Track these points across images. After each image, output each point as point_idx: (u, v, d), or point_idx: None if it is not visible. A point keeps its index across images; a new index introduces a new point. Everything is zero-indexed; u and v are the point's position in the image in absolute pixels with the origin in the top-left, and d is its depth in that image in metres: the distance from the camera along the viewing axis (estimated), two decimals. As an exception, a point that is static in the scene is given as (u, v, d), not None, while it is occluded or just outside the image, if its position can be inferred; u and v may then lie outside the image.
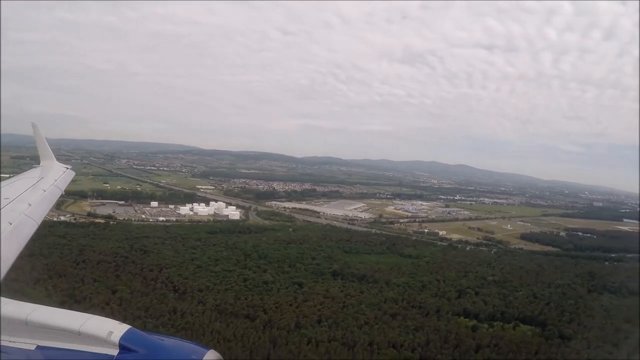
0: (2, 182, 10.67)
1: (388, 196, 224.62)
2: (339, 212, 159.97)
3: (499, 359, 52.57)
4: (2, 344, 4.03)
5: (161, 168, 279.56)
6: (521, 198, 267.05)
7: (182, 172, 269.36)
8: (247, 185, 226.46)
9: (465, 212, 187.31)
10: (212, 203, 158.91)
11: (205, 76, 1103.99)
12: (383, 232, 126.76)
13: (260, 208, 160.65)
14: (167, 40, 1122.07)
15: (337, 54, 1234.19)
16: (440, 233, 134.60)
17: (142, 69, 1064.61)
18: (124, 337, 3.90)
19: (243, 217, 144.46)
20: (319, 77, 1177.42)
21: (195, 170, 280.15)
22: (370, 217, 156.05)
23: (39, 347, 4.03)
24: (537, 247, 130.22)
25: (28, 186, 10.27)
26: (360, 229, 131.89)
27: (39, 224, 8.13)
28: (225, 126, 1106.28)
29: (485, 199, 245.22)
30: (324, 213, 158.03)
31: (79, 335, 3.96)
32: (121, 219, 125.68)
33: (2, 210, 7.65)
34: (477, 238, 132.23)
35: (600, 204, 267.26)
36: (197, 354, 3.94)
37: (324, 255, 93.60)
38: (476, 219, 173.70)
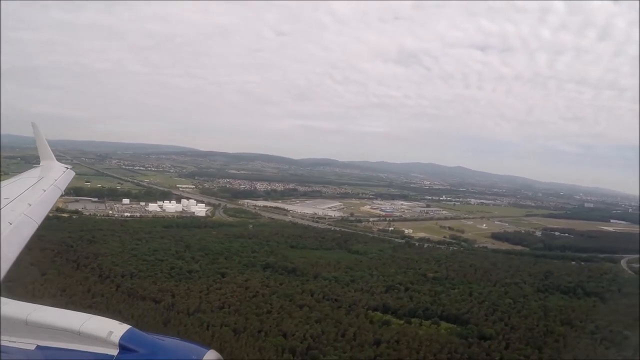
0: (2, 182, 10.64)
1: (370, 196, 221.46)
2: (309, 211, 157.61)
3: (390, 353, 49.71)
4: (2, 344, 4.00)
5: (150, 168, 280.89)
6: (511, 199, 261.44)
7: (170, 172, 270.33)
8: (229, 185, 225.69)
9: (444, 212, 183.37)
10: (183, 201, 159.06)
11: (203, 76, 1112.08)
12: (342, 230, 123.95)
13: (230, 206, 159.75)
14: (164, 40, 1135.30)
15: (333, 53, 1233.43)
16: (406, 231, 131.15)
17: (140, 69, 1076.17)
18: (124, 337, 3.88)
19: (209, 214, 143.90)
20: (316, 78, 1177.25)
21: (184, 170, 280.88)
22: (340, 216, 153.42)
23: (39, 347, 4.01)
24: (505, 246, 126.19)
25: (28, 186, 10.23)
26: (321, 226, 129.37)
27: (39, 224, 8.08)
28: (223, 127, 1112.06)
29: (472, 199, 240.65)
30: (294, 211, 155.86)
31: (79, 335, 3.94)
32: (87, 214, 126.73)
33: (2, 210, 7.63)
34: (444, 236, 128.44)
35: (592, 205, 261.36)
36: (197, 354, 3.90)
37: (267, 249, 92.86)
38: (453, 218, 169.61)
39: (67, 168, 14.60)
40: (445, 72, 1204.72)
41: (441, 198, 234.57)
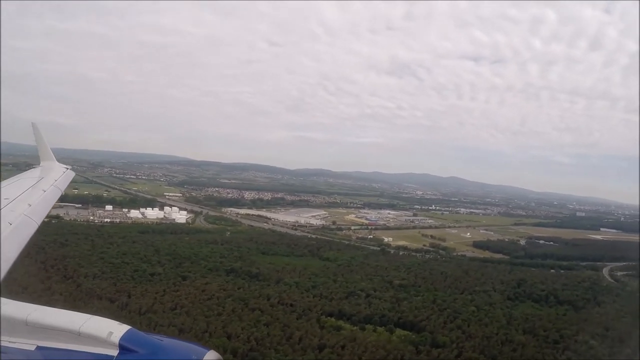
0: (2, 182, 10.64)
1: (358, 205, 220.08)
2: (291, 219, 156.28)
3: (332, 358, 48.59)
4: (2, 344, 4.00)
5: (141, 177, 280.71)
6: (502, 208, 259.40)
7: (160, 180, 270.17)
8: (217, 194, 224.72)
9: (430, 221, 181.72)
10: (166, 208, 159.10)
11: (197, 86, 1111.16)
12: (319, 237, 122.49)
13: (213, 214, 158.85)
14: (157, 50, 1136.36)
15: (325, 65, 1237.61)
16: (386, 240, 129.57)
17: (134, 78, 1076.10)
18: (124, 338, 3.87)
19: (189, 221, 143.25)
20: (309, 89, 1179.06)
21: (175, 179, 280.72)
22: (321, 224, 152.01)
23: (39, 348, 4.00)
24: (486, 254, 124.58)
25: (28, 186, 10.21)
26: (299, 234, 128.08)
27: (39, 224, 8.09)
28: (218, 137, 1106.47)
29: (462, 209, 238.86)
30: (276, 219, 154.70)
31: (78, 336, 3.93)
32: (67, 219, 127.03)
33: (2, 210, 7.60)
34: (423, 245, 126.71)
35: (583, 214, 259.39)
36: (197, 354, 3.89)
37: (236, 255, 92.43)
38: (438, 227, 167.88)
39: (67, 168, 14.53)
40: (438, 83, 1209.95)
41: (430, 207, 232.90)
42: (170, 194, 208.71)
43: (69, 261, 74.53)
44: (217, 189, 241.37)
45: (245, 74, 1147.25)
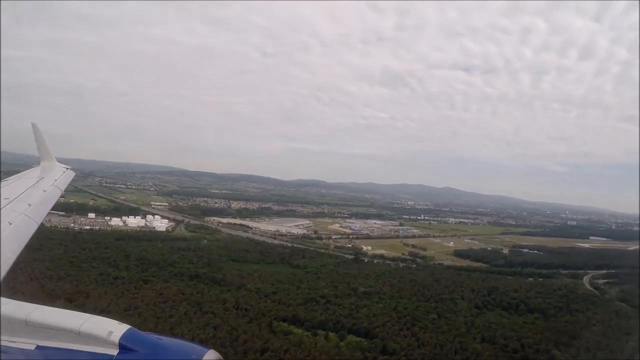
0: (2, 182, 10.58)
1: (345, 215, 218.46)
2: (272, 228, 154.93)
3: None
4: (2, 344, 3.98)
5: (131, 186, 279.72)
6: (493, 218, 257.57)
7: (150, 190, 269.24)
8: (204, 204, 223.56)
9: (415, 231, 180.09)
10: (148, 217, 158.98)
11: (191, 97, 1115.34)
12: (296, 246, 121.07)
13: (195, 222, 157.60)
14: (150, 61, 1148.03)
15: (318, 76, 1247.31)
16: (365, 248, 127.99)
17: (128, 88, 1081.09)
18: (124, 337, 3.84)
19: (169, 229, 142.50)
20: (302, 100, 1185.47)
21: (165, 189, 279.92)
22: (302, 233, 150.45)
23: (38, 347, 3.98)
24: (466, 262, 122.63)
25: (28, 186, 10.15)
26: (277, 242, 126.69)
27: (39, 224, 8.02)
28: (213, 148, 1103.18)
29: (451, 218, 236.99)
30: (257, 228, 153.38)
31: (78, 335, 3.91)
32: (48, 226, 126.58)
33: (2, 210, 7.56)
34: (402, 253, 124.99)
35: (574, 223, 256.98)
36: (197, 354, 3.88)
37: (205, 261, 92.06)
38: (422, 236, 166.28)
39: (67, 168, 14.42)
40: (431, 93, 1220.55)
41: (419, 217, 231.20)
42: (157, 203, 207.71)
43: (37, 264, 73.70)
44: (205, 199, 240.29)
45: (238, 85, 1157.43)
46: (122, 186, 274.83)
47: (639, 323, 78.25)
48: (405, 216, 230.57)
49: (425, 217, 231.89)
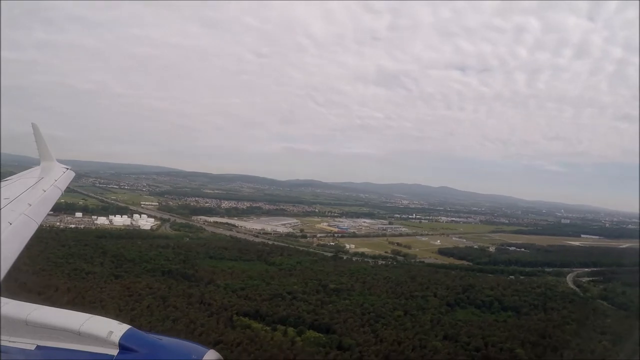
0: (2, 182, 10.57)
1: (335, 215, 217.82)
2: (258, 227, 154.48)
3: (221, 351, 46.97)
4: (2, 344, 4.00)
5: (124, 187, 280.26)
6: (486, 217, 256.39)
7: (142, 190, 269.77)
8: (194, 203, 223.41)
9: (404, 229, 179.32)
10: (135, 215, 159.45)
11: (187, 98, 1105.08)
12: (277, 244, 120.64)
13: (181, 221, 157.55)
14: (145, 62, 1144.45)
15: (313, 76, 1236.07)
16: (348, 246, 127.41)
17: (124, 90, 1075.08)
18: (124, 337, 3.86)
19: (154, 228, 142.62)
20: (298, 100, 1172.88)
21: (158, 189, 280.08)
22: (287, 231, 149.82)
23: (38, 347, 3.99)
24: (449, 260, 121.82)
25: (28, 186, 10.19)
26: (259, 240, 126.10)
27: (39, 224, 8.10)
28: (209, 149, 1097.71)
29: (443, 217, 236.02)
30: (242, 227, 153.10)
31: (78, 335, 3.92)
32: None
33: (2, 210, 7.57)
34: (385, 251, 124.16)
35: (568, 221, 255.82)
36: (197, 354, 3.89)
37: (182, 258, 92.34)
38: (410, 235, 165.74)
39: (67, 168, 14.45)
40: (426, 93, 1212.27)
41: (410, 216, 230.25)
42: (147, 203, 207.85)
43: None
44: (196, 199, 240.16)
45: (234, 86, 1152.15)
46: (115, 186, 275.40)
47: (620, 322, 77.28)
48: (397, 215, 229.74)
49: (417, 216, 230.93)
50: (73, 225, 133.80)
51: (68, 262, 79.17)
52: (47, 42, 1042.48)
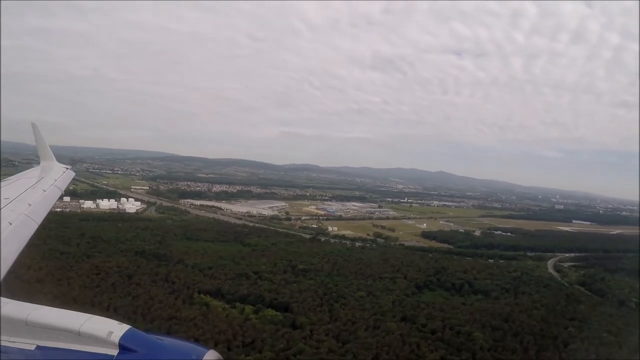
0: (2, 182, 10.60)
1: (325, 198, 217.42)
2: (244, 210, 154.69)
3: (173, 327, 48.56)
4: (2, 344, 4.02)
5: (117, 172, 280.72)
6: (480, 201, 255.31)
7: (135, 175, 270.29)
8: (185, 187, 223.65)
9: (392, 212, 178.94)
10: (122, 199, 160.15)
11: (183, 83, 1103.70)
12: (258, 226, 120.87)
13: (168, 204, 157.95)
14: (140, 48, 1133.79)
15: (309, 60, 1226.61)
16: (331, 229, 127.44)
17: (118, 75, 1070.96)
18: (124, 337, 3.88)
19: (139, 211, 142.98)
20: (294, 84, 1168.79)
21: (151, 174, 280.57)
22: (272, 214, 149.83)
23: (38, 347, 4.01)
24: (431, 244, 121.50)
25: (28, 186, 10.20)
26: (241, 222, 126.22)
27: (39, 224, 8.03)
28: (206, 134, 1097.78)
29: (435, 201, 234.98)
30: (228, 210, 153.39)
31: (78, 335, 3.94)
32: None
33: (2, 210, 7.57)
34: (367, 234, 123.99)
35: (562, 207, 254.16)
36: (197, 354, 3.90)
37: (158, 239, 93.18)
38: (397, 218, 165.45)
39: (67, 168, 14.40)
40: (422, 77, 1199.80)
41: (402, 200, 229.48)
42: (137, 187, 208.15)
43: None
44: (188, 183, 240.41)
45: (229, 71, 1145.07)
46: (108, 171, 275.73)
47: (592, 308, 76.30)
48: (389, 199, 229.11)
49: (409, 200, 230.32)
50: (59, 209, 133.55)
51: (45, 243, 78.18)
52: (40, 28, 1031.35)
